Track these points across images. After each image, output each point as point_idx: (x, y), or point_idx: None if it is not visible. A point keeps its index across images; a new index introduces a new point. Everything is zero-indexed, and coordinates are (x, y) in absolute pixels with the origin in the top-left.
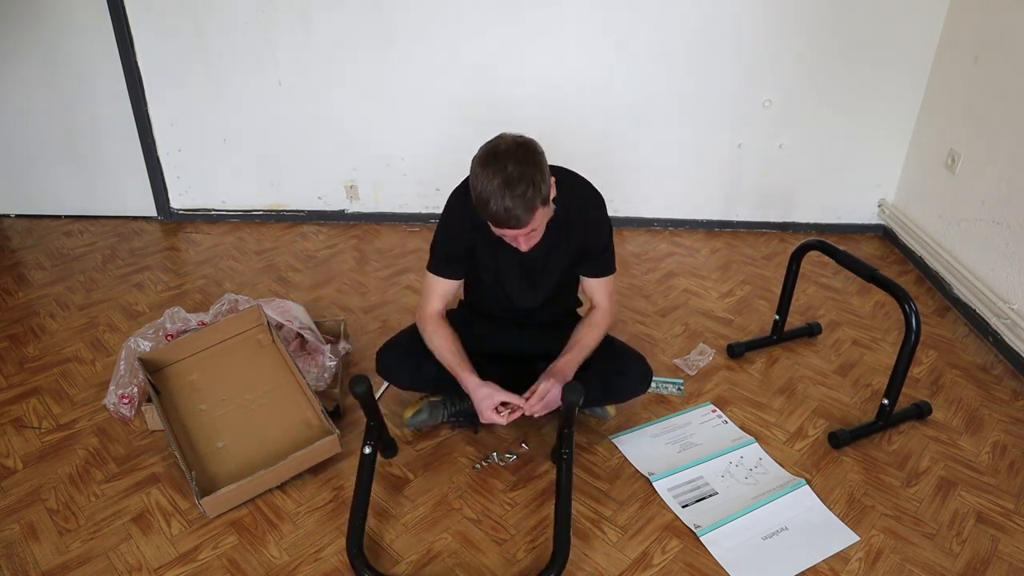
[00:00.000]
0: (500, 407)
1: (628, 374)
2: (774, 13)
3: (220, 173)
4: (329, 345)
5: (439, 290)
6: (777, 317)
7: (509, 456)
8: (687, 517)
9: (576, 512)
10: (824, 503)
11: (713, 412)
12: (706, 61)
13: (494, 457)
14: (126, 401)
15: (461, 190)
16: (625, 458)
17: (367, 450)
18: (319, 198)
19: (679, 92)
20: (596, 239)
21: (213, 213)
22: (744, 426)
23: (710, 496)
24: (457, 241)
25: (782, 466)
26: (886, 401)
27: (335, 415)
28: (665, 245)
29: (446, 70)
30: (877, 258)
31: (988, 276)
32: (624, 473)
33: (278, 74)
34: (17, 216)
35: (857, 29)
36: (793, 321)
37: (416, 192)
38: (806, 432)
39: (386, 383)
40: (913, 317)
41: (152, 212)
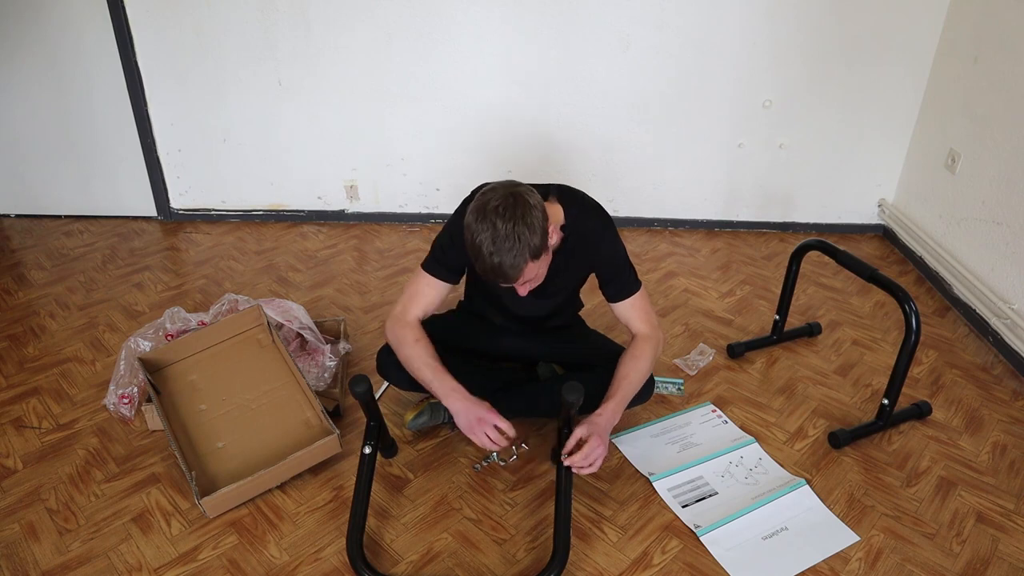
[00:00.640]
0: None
1: None
2: (774, 13)
3: (220, 173)
4: (329, 345)
5: (427, 295)
6: (777, 317)
7: (509, 456)
8: (687, 517)
9: (576, 512)
10: (824, 503)
11: (713, 412)
12: (706, 61)
13: (494, 457)
14: (126, 401)
15: (471, 197)
16: (625, 458)
17: (367, 450)
18: (319, 198)
19: (679, 92)
20: (608, 261)
21: (213, 213)
22: (744, 426)
23: (710, 496)
24: (458, 249)
25: (782, 466)
26: (886, 401)
27: (335, 415)
28: (665, 245)
29: (446, 70)
30: (877, 258)
31: (988, 276)
32: (624, 473)
33: (278, 74)
34: (17, 216)
35: (857, 29)
36: (793, 321)
37: (416, 192)
38: (806, 432)
39: (386, 383)
40: (913, 317)
41: (152, 212)
